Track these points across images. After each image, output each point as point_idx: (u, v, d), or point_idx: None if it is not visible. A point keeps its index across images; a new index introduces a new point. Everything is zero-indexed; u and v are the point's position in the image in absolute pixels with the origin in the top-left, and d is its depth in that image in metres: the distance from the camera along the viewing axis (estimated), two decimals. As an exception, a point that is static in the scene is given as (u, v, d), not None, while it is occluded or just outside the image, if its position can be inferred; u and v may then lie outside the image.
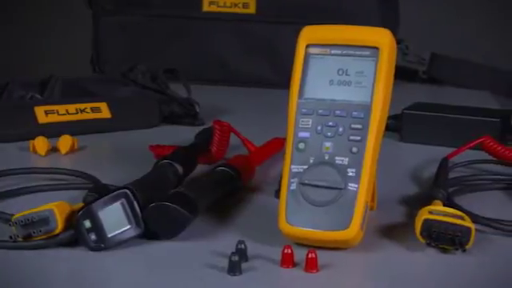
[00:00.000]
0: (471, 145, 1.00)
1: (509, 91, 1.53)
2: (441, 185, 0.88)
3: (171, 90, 1.27)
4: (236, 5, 1.55)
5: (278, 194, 0.78)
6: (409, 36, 1.65)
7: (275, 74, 1.51)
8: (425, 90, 1.60)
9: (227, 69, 1.56)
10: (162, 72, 1.28)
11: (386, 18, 1.52)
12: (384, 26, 0.82)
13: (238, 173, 0.90)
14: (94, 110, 1.19)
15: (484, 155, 1.02)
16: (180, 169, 0.89)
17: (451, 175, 0.95)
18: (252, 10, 1.55)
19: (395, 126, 1.18)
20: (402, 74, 1.64)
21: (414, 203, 0.87)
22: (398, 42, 1.61)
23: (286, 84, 0.83)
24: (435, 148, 1.08)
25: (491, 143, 1.00)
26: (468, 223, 0.76)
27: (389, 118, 1.18)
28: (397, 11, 1.63)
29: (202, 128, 1.09)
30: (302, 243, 0.76)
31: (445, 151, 1.01)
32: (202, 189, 0.84)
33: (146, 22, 1.58)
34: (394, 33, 1.60)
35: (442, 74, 1.60)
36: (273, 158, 1.02)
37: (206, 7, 1.56)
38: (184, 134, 1.11)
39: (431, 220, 0.76)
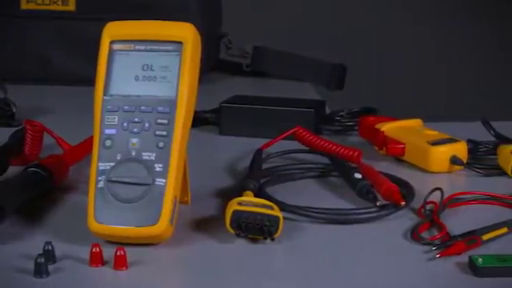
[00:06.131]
0: (284, 135, 1.02)
1: (329, 82, 1.56)
2: (252, 176, 0.89)
3: (-14, 91, 1.24)
4: (55, 2, 1.52)
5: (90, 192, 0.78)
6: (241, 31, 1.66)
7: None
8: (249, 83, 1.62)
9: (49, 68, 1.52)
10: (-24, 72, 1.24)
11: (207, 15, 1.52)
12: (205, 23, 0.82)
13: (49, 173, 0.89)
14: None
15: (298, 145, 1.04)
16: (-12, 171, 0.87)
17: (265, 166, 0.97)
18: (72, 7, 1.52)
19: (215, 119, 1.18)
20: (227, 68, 1.66)
21: (228, 195, 0.87)
22: (221, 37, 1.62)
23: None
24: (253, 140, 1.09)
25: (303, 133, 1.03)
26: (276, 212, 0.78)
27: (208, 111, 1.20)
28: (219, 7, 1.64)
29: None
30: (112, 241, 0.76)
31: (263, 142, 1.02)
32: (10, 191, 0.82)
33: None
34: (217, 29, 1.62)
35: (265, 66, 1.61)
36: (89, 157, 1.01)
37: (24, 5, 1.52)
38: (0, 136, 1.08)
39: (240, 211, 0.77)
